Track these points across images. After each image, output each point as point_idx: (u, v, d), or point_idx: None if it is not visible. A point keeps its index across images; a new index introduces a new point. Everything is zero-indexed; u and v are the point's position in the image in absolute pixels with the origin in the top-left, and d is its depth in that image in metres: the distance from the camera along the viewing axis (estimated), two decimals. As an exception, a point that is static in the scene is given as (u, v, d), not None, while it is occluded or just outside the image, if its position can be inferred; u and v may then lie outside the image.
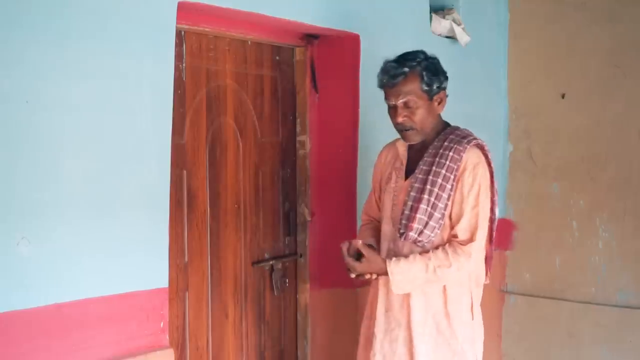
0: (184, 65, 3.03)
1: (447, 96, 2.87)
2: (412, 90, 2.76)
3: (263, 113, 3.45)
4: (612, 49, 4.36)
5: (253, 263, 3.41)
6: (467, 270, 2.79)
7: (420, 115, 2.79)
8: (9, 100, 2.18)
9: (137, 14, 2.54)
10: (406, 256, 2.76)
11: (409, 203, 2.78)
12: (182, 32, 3.00)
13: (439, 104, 2.85)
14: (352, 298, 3.59)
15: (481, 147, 2.84)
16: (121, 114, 2.51)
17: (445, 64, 4.16)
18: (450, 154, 2.76)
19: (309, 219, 3.64)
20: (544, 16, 4.63)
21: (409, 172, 2.88)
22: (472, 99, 4.44)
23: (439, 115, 2.90)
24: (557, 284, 4.58)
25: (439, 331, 2.81)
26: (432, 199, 2.74)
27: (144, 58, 2.58)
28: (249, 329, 3.41)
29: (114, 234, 2.50)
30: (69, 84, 2.34)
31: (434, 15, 4.07)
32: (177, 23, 2.71)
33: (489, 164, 2.85)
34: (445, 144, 2.80)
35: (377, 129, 3.67)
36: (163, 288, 2.67)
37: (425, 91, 2.78)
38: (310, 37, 3.58)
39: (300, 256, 3.66)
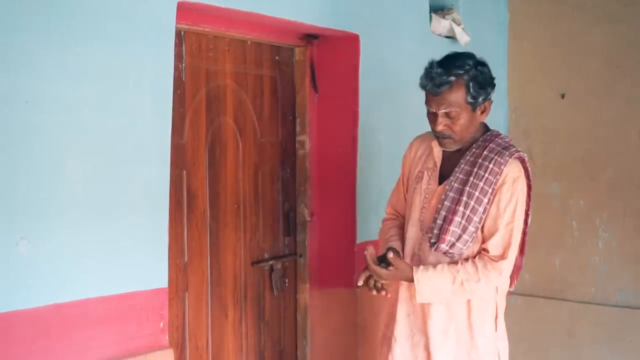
0: (183, 65, 3.03)
1: (492, 103, 2.70)
2: (455, 101, 2.58)
3: (263, 113, 3.45)
4: (611, 49, 4.36)
5: (253, 263, 3.41)
6: (494, 285, 2.70)
7: (460, 126, 2.62)
8: (8, 100, 2.18)
9: (136, 14, 2.54)
10: (433, 265, 2.64)
11: (442, 213, 2.65)
12: (182, 32, 3.00)
13: (482, 112, 2.67)
14: (351, 298, 3.59)
15: (522, 160, 2.71)
16: (121, 114, 2.51)
17: (445, 64, 4.17)
18: (490, 165, 2.62)
19: (308, 219, 3.64)
20: (543, 16, 4.63)
21: (442, 175, 2.73)
22: (471, 99, 4.43)
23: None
24: (556, 284, 4.58)
25: (460, 342, 2.72)
26: (468, 212, 2.62)
27: (144, 58, 2.58)
28: (248, 329, 3.41)
29: (113, 234, 2.50)
30: (69, 84, 2.34)
31: (433, 15, 4.08)
32: (176, 23, 2.71)
33: (528, 177, 2.73)
34: (485, 153, 2.65)
35: (377, 129, 3.68)
36: (163, 288, 2.67)
37: (470, 103, 2.60)
38: (310, 37, 3.58)
39: (300, 256, 3.66)
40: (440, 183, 2.72)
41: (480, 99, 2.62)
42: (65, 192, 2.35)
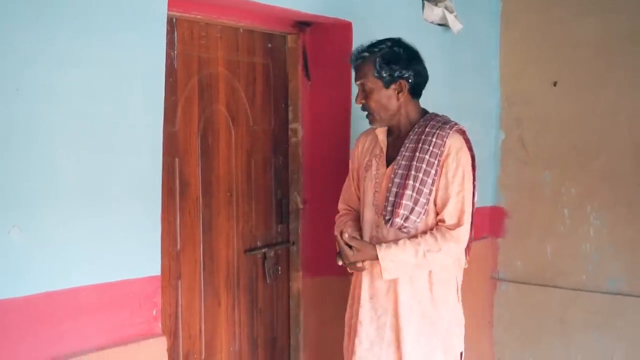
0: (175, 52, 3.02)
1: (409, 86, 2.85)
2: (365, 74, 2.84)
3: (255, 101, 3.45)
4: (603, 38, 4.36)
5: (245, 251, 3.41)
6: (454, 255, 2.83)
7: (375, 102, 2.84)
8: (-1, 87, 2.17)
9: (128, 1, 2.53)
10: (394, 241, 2.78)
11: (393, 189, 2.80)
12: (174, 20, 2.99)
13: (399, 92, 2.85)
14: (344, 286, 3.58)
15: (462, 132, 2.88)
16: (112, 101, 2.50)
17: (437, 52, 4.18)
18: (433, 139, 2.79)
19: (301, 206, 3.64)
20: (536, 5, 4.62)
21: (389, 159, 2.90)
22: (463, 87, 4.44)
23: (415, 104, 2.92)
24: (548, 271, 4.60)
25: (424, 315, 2.84)
26: (417, 185, 2.76)
27: (136, 45, 2.56)
28: (241, 317, 3.42)
29: (105, 222, 2.49)
30: (60, 72, 2.32)
31: (426, 3, 4.06)
32: (168, 10, 2.70)
33: (470, 149, 2.89)
34: (427, 129, 2.83)
35: (369, 117, 3.67)
36: (155, 276, 2.67)
37: (377, 77, 2.83)
38: (303, 24, 3.57)
39: (293, 244, 3.66)
40: (388, 166, 2.88)
41: (386, 75, 2.82)
42: (57, 180, 2.34)
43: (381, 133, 2.94)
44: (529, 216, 4.68)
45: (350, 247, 2.77)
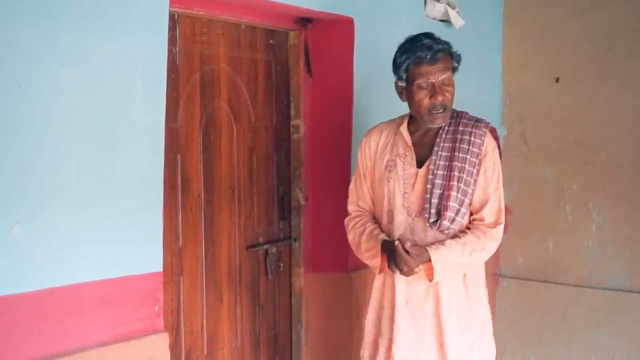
0: (177, 49, 3.02)
1: None
2: (448, 67, 2.71)
3: (257, 97, 3.45)
4: (605, 33, 4.36)
5: (247, 247, 3.41)
6: (493, 252, 2.80)
7: (452, 94, 2.73)
8: (0, 84, 2.17)
9: (130, -2, 2.53)
10: (440, 242, 2.69)
11: (436, 191, 2.71)
12: (176, 16, 2.99)
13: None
14: (346, 282, 3.60)
15: (493, 131, 2.84)
16: (114, 98, 2.50)
17: (439, 48, 4.16)
18: (472, 139, 2.73)
19: (303, 203, 3.64)
20: (538, 1, 4.62)
21: (419, 158, 2.79)
22: (466, 83, 4.39)
23: None
24: (550, 267, 4.60)
25: (462, 315, 2.79)
26: (461, 185, 2.70)
27: (137, 42, 2.56)
28: (243, 313, 3.42)
29: (108, 218, 2.50)
30: (62, 68, 2.33)
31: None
32: (170, 7, 2.70)
33: (499, 146, 2.86)
34: (461, 128, 2.76)
35: (371, 113, 3.67)
36: (157, 272, 2.68)
37: (454, 69, 2.74)
38: (305, 20, 3.57)
39: (295, 240, 3.66)
40: (418, 166, 2.78)
41: (456, 67, 2.75)
42: (59, 177, 2.34)
43: (405, 131, 2.82)
44: (531, 212, 4.68)
45: (407, 253, 2.62)
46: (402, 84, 2.75)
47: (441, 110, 2.70)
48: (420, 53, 2.67)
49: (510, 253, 4.75)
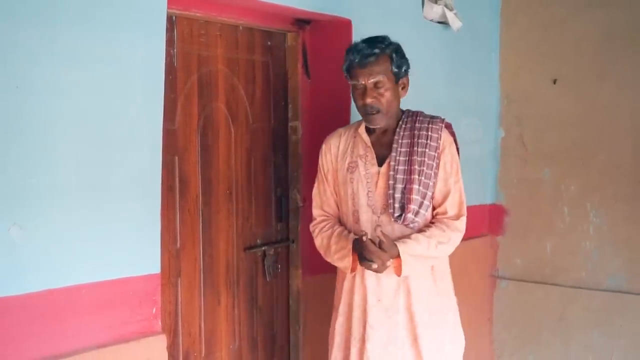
0: (175, 50, 3.02)
1: (409, 81, 2.91)
2: (382, 70, 2.78)
3: (255, 99, 3.45)
4: (603, 34, 4.36)
5: (245, 249, 3.41)
6: (457, 244, 2.87)
7: (387, 97, 2.81)
8: (-1, 85, 2.17)
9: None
10: (406, 237, 2.77)
11: (399, 186, 2.80)
12: (173, 17, 2.99)
13: (402, 88, 2.88)
14: (344, 283, 3.59)
15: (449, 126, 2.94)
16: (112, 99, 2.50)
17: (437, 50, 4.19)
18: (430, 133, 2.83)
19: (300, 204, 3.64)
20: (535, 2, 4.62)
21: (379, 157, 2.88)
22: (463, 85, 4.44)
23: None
24: (548, 269, 4.60)
25: (433, 308, 2.86)
26: (422, 179, 2.79)
27: (135, 43, 2.56)
28: (241, 315, 3.42)
29: (105, 219, 2.49)
30: (60, 70, 2.32)
31: (426, 1, 4.06)
32: (168, 8, 2.69)
33: (456, 142, 2.94)
34: (417, 125, 2.86)
35: (369, 115, 3.67)
36: (155, 274, 2.67)
37: (394, 73, 2.81)
38: (302, 22, 3.57)
39: (292, 242, 3.66)
40: (379, 165, 2.87)
41: (402, 70, 2.83)
42: (57, 178, 2.34)
43: (363, 132, 2.92)
44: (528, 214, 4.68)
45: (380, 244, 2.68)
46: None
47: (374, 112, 2.81)
48: (351, 56, 2.82)
49: (508, 254, 4.75)
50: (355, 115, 3.55)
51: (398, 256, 2.72)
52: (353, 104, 3.53)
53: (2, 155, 2.19)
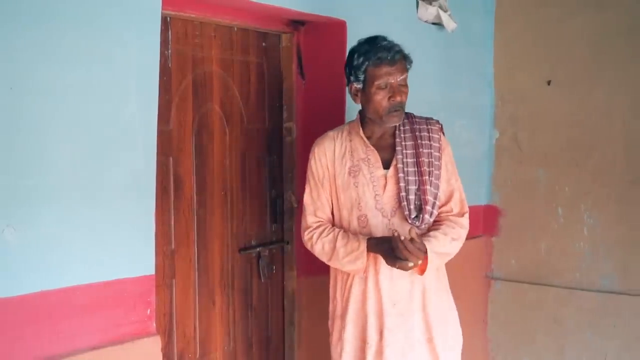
0: (169, 51, 3.02)
1: None
2: (405, 68, 2.78)
3: (249, 100, 3.44)
4: (597, 35, 4.37)
5: (240, 250, 3.41)
6: (463, 241, 2.88)
7: (407, 95, 2.80)
8: (-8, 86, 2.17)
9: (122, 0, 2.52)
10: (425, 235, 2.78)
11: (411, 187, 2.77)
12: (168, 18, 2.99)
13: None
14: (339, 284, 3.59)
15: (442, 128, 2.96)
16: (107, 100, 2.50)
17: (431, 51, 4.19)
18: (430, 134, 2.85)
19: (295, 205, 3.64)
20: (530, 3, 4.63)
21: (384, 160, 2.83)
22: (458, 86, 4.44)
23: None
24: (542, 269, 4.60)
25: (439, 306, 2.87)
26: (433, 179, 2.80)
27: (130, 44, 2.56)
28: (236, 316, 3.42)
29: (100, 221, 2.49)
30: (54, 70, 2.32)
31: (420, 2, 4.07)
32: (162, 9, 2.69)
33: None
34: (415, 126, 2.87)
35: (363, 116, 3.67)
36: (150, 275, 2.67)
37: (407, 70, 2.81)
38: (297, 23, 3.57)
39: (287, 243, 3.66)
40: (385, 167, 2.83)
41: (409, 69, 2.82)
42: (51, 179, 2.33)
43: (363, 135, 2.85)
44: (523, 215, 4.69)
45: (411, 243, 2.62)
46: (358, 85, 2.80)
47: (400, 109, 2.78)
48: (381, 54, 2.72)
49: (502, 255, 4.76)
50: (350, 116, 3.55)
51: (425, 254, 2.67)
52: (348, 105, 3.55)
53: (-4, 157, 2.19)
